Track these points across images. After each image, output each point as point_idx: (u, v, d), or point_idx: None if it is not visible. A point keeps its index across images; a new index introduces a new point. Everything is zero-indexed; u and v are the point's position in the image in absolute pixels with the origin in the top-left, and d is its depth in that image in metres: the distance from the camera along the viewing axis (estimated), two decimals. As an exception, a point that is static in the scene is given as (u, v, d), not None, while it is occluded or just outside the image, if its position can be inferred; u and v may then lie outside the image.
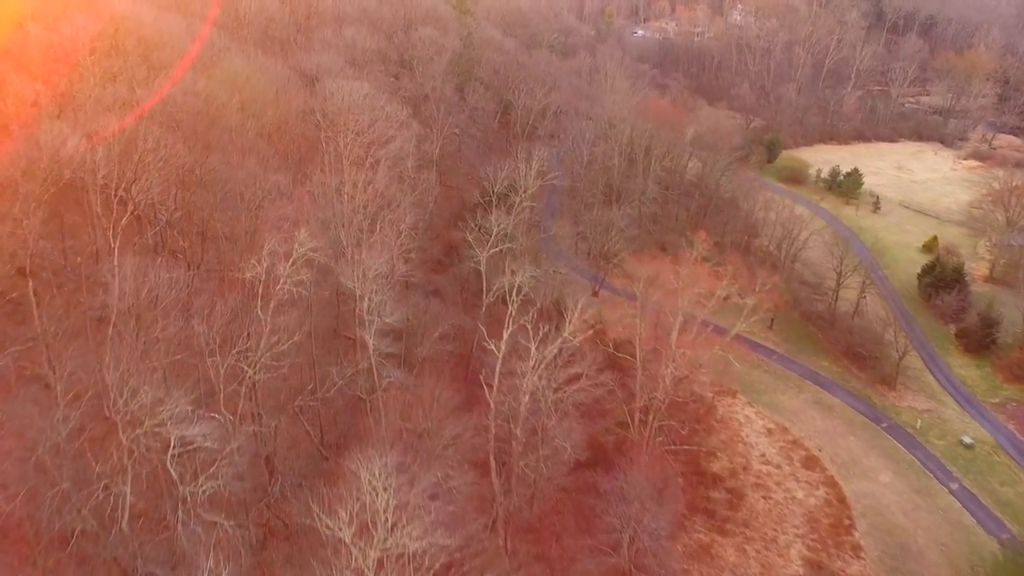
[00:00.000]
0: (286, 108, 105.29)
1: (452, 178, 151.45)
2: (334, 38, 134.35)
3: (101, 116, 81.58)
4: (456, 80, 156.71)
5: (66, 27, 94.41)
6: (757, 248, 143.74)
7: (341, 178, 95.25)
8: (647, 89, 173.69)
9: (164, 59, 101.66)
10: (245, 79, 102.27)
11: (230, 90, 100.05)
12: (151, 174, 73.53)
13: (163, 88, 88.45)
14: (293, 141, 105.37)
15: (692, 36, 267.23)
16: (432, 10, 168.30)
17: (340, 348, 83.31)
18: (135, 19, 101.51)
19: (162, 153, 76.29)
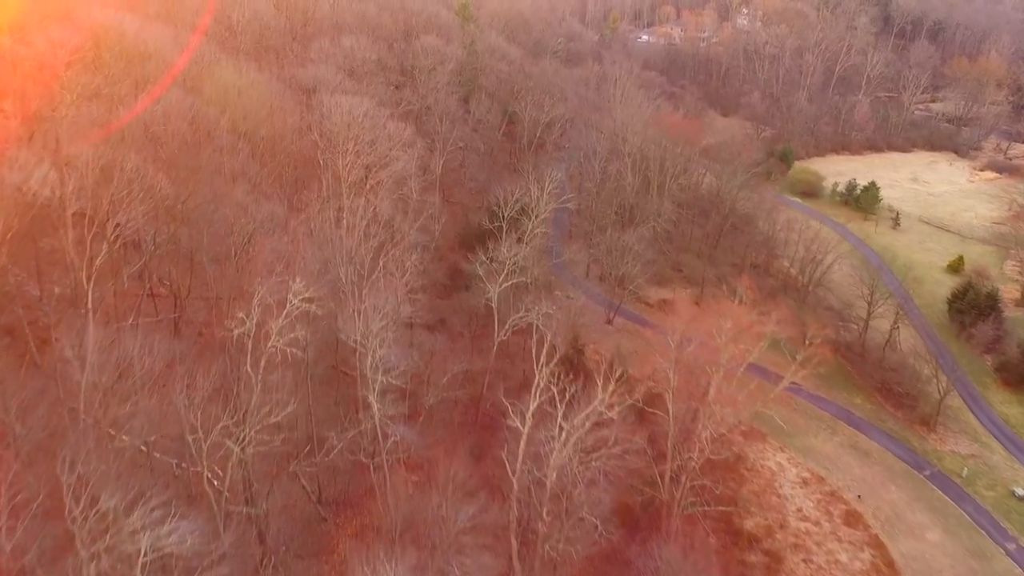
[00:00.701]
0: (281, 126, 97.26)
1: (456, 193, 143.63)
2: (332, 48, 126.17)
3: (76, 140, 73.55)
4: (459, 90, 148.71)
5: (41, 40, 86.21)
6: (776, 270, 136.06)
7: (340, 204, 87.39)
8: (658, 99, 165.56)
9: (149, 73, 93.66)
10: (236, 94, 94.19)
11: (220, 107, 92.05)
12: (129, 209, 65.40)
13: (142, 107, 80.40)
14: (288, 161, 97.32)
15: (698, 42, 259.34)
16: (434, 17, 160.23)
17: (338, 397, 75.37)
18: (117, 30, 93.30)
19: (142, 183, 68.27)
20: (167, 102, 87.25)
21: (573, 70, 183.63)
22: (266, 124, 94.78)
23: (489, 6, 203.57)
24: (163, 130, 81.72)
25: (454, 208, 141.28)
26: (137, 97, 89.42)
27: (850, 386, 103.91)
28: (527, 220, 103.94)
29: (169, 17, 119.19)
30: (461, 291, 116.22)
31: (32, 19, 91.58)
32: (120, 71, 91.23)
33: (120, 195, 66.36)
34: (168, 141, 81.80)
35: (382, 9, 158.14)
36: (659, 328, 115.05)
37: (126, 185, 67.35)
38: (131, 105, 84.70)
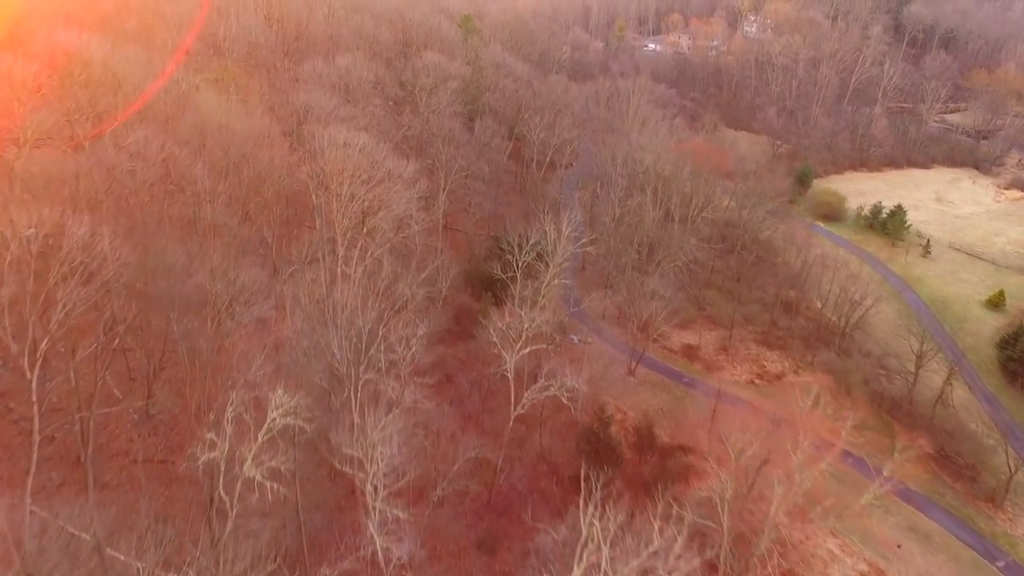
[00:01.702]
0: (267, 163, 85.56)
1: (460, 220, 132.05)
2: (325, 67, 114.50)
3: (24, 196, 62.08)
4: (463, 110, 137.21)
5: (-8, 70, 74.63)
6: (804, 306, 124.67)
7: (333, 263, 75.92)
8: (674, 116, 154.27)
9: (118, 104, 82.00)
10: (217, 128, 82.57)
11: (198, 143, 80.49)
12: (77, 288, 53.88)
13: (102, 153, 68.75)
14: (276, 202, 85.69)
15: (708, 51, 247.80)
16: (435, 31, 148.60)
17: (332, 504, 63.88)
18: (83, 56, 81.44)
19: (95, 253, 56.78)
20: (136, 141, 75.69)
21: (582, 86, 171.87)
22: (251, 161, 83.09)
23: (491, 16, 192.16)
24: (129, 179, 70.06)
25: (457, 239, 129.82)
26: (102, 135, 77.90)
27: (900, 449, 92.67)
28: (543, 266, 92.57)
29: (146, 37, 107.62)
30: (468, 339, 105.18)
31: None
32: (84, 103, 79.58)
33: (67, 269, 54.79)
34: (135, 191, 70.19)
35: (380, 22, 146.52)
36: (689, 381, 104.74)
37: (78, 253, 55.86)
38: (93, 147, 73.09)
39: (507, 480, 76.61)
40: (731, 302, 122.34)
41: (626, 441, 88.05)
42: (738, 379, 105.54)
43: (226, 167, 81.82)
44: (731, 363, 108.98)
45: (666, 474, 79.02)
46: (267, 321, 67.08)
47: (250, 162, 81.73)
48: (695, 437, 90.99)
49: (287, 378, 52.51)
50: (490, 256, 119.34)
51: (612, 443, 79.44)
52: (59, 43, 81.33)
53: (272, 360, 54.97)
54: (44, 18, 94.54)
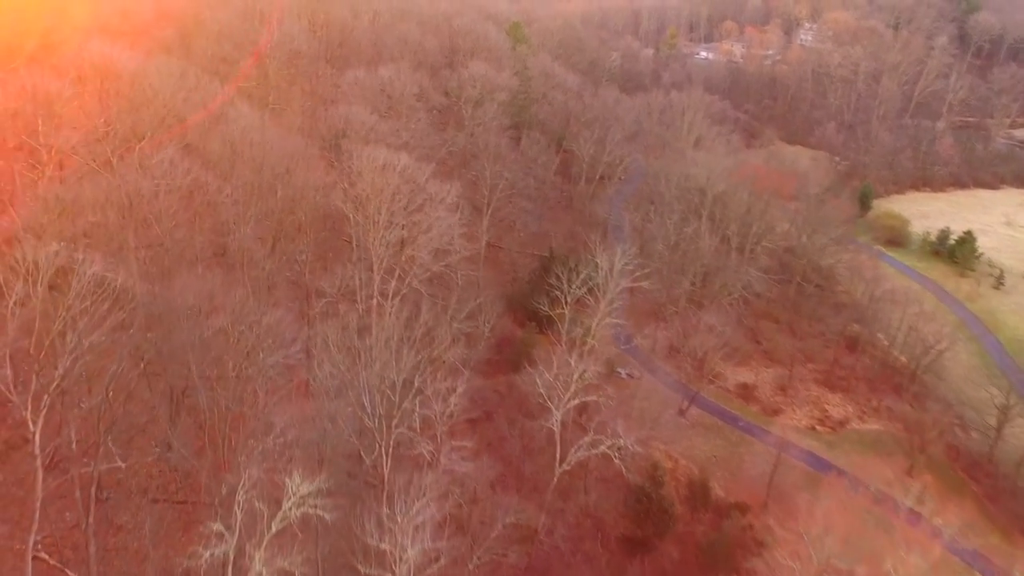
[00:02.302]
0: (301, 184, 79.77)
1: (504, 237, 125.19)
2: (368, 78, 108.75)
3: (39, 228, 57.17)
4: (509, 122, 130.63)
5: (17, 84, 70.10)
6: (868, 343, 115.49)
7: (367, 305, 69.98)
8: (731, 132, 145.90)
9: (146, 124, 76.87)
10: (249, 146, 76.95)
11: (228, 165, 75.09)
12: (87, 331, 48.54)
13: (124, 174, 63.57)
14: (308, 225, 79.82)
15: (763, 61, 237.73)
16: (482, 39, 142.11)
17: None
18: (113, 69, 76.56)
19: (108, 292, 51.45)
20: (162, 162, 70.51)
21: (634, 98, 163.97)
22: (284, 181, 77.46)
23: (540, 23, 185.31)
24: (154, 201, 64.86)
25: (501, 258, 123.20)
26: (128, 154, 72.92)
27: (982, 514, 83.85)
28: (592, 299, 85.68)
29: (184, 46, 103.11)
30: (510, 370, 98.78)
31: (9, 59, 75.42)
32: (113, 118, 74.66)
33: (76, 311, 49.45)
34: (160, 215, 64.95)
35: (426, 29, 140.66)
36: (745, 425, 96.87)
37: (88, 295, 50.53)
38: (120, 166, 68.12)
39: (549, 540, 69.85)
40: (789, 336, 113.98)
41: (678, 495, 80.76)
42: (798, 424, 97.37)
43: (258, 186, 76.27)
44: (790, 405, 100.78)
45: (723, 540, 71.65)
46: (294, 367, 61.27)
47: (283, 182, 76.05)
48: (754, 494, 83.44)
49: (308, 447, 46.49)
50: (535, 283, 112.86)
51: (664, 503, 72.28)
52: (89, 56, 76.58)
53: (294, 423, 48.97)
54: (78, 28, 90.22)
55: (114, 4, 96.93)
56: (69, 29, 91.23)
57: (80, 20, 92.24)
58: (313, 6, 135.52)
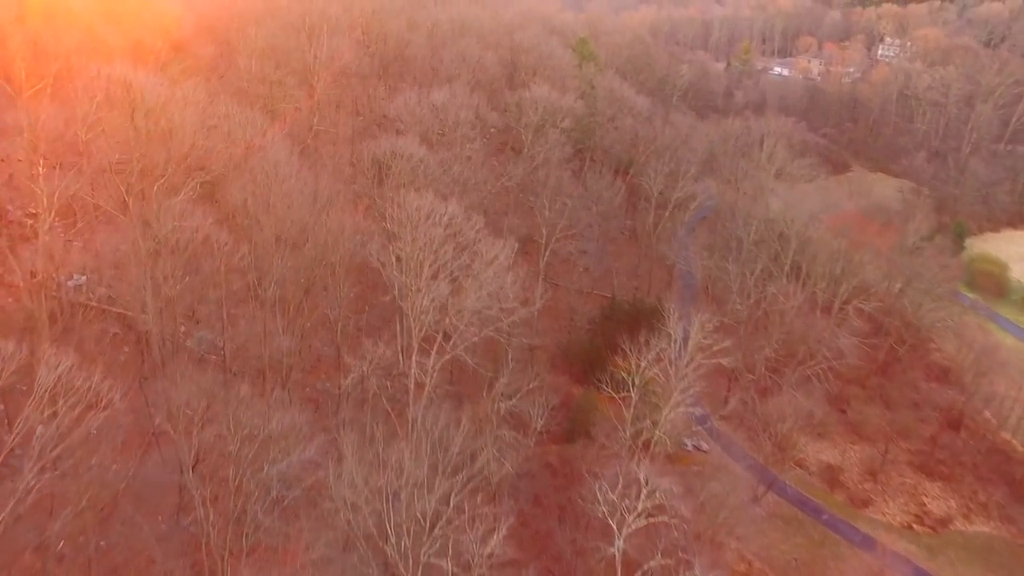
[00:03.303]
0: (335, 231, 68.88)
1: (560, 273, 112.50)
2: (419, 103, 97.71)
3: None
4: (572, 147, 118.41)
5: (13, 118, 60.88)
6: (973, 419, 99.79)
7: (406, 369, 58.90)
8: (815, 165, 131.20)
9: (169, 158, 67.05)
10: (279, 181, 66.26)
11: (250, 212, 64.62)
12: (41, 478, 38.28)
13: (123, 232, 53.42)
14: (337, 283, 68.95)
15: (842, 79, 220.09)
16: (547, 57, 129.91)
17: None
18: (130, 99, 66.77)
19: (76, 398, 41.15)
20: (172, 208, 60.48)
21: (707, 122, 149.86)
22: (313, 231, 66.82)
23: (607, 37, 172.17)
24: (154, 264, 54.72)
25: (557, 297, 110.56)
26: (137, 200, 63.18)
27: None
28: (665, 382, 72.83)
29: (224, 65, 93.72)
30: (564, 438, 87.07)
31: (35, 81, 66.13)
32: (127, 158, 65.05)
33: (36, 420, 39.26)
34: (162, 281, 54.79)
35: (486, 45, 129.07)
36: (829, 519, 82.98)
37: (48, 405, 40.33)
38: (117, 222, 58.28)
39: None
40: (879, 405, 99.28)
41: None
42: (891, 520, 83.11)
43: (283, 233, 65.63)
44: (881, 495, 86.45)
45: None
46: (309, 469, 50.42)
47: (313, 232, 65.31)
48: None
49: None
50: (595, 332, 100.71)
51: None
52: (106, 81, 66.90)
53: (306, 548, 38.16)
54: (108, 48, 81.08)
55: (153, 19, 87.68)
56: (97, 49, 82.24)
57: (112, 39, 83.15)
58: (367, 19, 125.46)
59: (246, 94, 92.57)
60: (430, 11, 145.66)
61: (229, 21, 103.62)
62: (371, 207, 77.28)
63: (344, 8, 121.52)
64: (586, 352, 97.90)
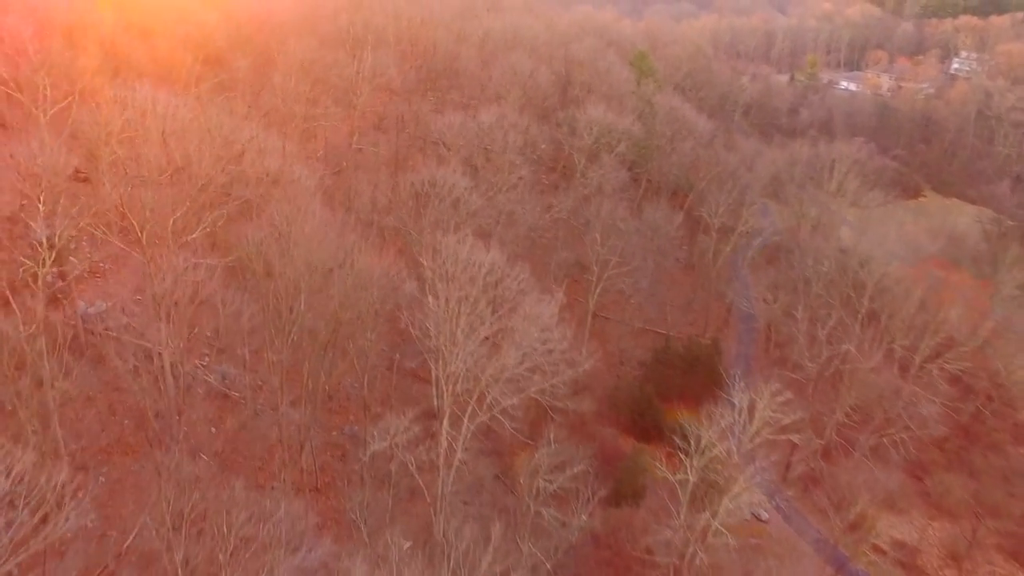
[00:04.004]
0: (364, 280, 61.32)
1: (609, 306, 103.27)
2: (465, 126, 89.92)
3: None
4: (627, 171, 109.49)
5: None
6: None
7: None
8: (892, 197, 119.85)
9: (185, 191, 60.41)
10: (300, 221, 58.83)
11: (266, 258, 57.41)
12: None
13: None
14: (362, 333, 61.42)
15: (915, 96, 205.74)
16: (604, 74, 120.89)
17: None
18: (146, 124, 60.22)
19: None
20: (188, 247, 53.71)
21: (773, 147, 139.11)
22: (337, 278, 59.37)
23: (667, 50, 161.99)
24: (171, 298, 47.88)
25: (606, 332, 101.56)
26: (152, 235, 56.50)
27: None
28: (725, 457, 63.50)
29: (258, 81, 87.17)
30: (609, 501, 78.27)
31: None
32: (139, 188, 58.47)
33: None
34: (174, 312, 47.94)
35: (538, 59, 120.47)
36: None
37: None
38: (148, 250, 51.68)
39: None
40: (962, 474, 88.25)
41: None
42: None
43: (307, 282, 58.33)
44: None
45: None
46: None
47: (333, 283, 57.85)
48: None
49: None
50: (647, 379, 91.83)
51: None
52: (119, 107, 60.43)
53: None
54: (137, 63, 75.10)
55: (185, 33, 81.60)
56: (125, 65, 76.32)
57: (140, 53, 77.10)
58: (415, 29, 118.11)
59: (279, 113, 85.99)
60: (482, 20, 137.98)
61: (269, 33, 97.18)
62: (405, 248, 69.75)
63: (391, 18, 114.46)
64: (636, 401, 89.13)
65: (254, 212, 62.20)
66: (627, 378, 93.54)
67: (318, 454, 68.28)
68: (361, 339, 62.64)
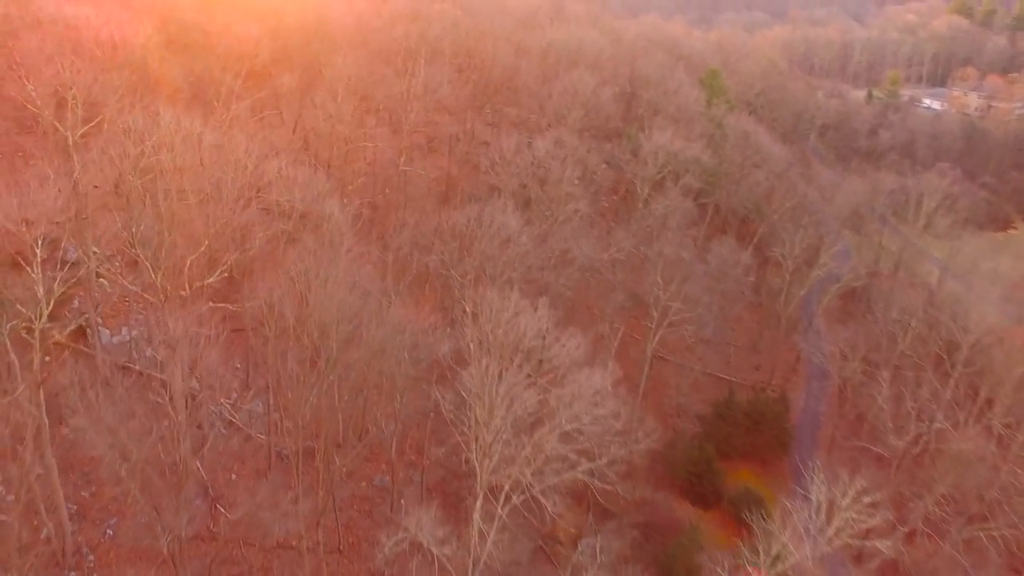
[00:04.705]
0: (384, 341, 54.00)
1: (667, 345, 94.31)
2: (519, 154, 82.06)
3: None
4: (693, 201, 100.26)
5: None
6: None
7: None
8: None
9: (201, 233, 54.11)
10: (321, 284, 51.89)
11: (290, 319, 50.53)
12: None
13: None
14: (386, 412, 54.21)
15: (1008, 118, 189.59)
16: (672, 94, 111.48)
17: None
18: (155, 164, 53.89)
19: None
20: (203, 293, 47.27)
21: (852, 175, 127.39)
22: (365, 336, 52.21)
23: (739, 66, 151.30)
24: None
25: (664, 375, 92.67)
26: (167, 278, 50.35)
27: None
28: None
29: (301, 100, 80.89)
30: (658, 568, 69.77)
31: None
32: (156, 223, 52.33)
33: None
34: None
35: (602, 76, 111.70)
36: None
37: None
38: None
39: None
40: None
41: None
42: None
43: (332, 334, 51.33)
44: None
45: None
46: None
47: (354, 349, 50.67)
48: None
49: None
50: (707, 437, 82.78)
51: None
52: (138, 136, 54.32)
53: None
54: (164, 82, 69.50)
55: (228, 47, 75.74)
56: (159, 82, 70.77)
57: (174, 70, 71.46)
58: (473, 41, 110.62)
59: (321, 133, 79.70)
60: (545, 31, 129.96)
61: (318, 46, 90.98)
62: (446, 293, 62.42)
63: (448, 28, 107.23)
64: (693, 461, 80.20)
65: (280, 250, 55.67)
66: (684, 434, 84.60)
67: (343, 508, 62.15)
68: (394, 385, 55.66)
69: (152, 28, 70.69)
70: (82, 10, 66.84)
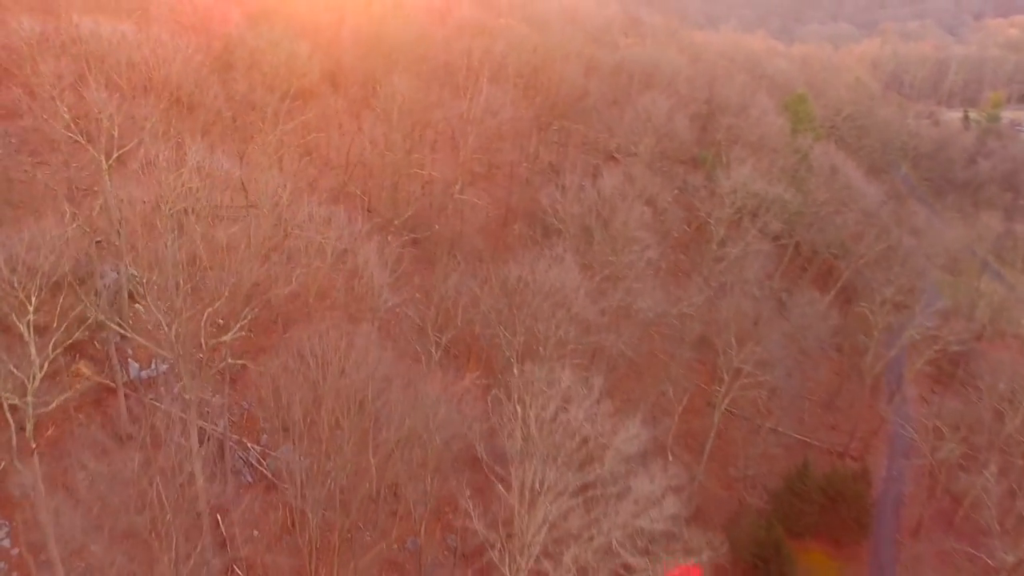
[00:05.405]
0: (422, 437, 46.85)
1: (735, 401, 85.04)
2: (582, 191, 73.92)
3: None
4: (771, 243, 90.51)
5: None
6: None
7: None
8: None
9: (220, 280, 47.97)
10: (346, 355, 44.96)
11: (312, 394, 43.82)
12: None
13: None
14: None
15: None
16: (755, 123, 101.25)
17: None
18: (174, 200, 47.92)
19: None
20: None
21: (949, 213, 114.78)
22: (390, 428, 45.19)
23: (824, 85, 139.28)
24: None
25: (731, 433, 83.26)
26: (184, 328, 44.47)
27: None
28: None
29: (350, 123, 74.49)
30: None
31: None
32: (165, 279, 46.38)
33: None
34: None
35: (678, 99, 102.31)
36: None
37: None
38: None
39: None
40: None
41: None
42: None
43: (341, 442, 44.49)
44: None
45: None
46: None
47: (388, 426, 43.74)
48: None
49: None
50: (777, 515, 73.21)
51: None
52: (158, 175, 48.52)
53: None
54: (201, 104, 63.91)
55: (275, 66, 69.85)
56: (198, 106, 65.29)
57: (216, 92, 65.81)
58: (539, 59, 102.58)
59: (366, 163, 73.24)
60: (619, 47, 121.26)
61: (373, 62, 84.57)
62: (492, 359, 54.95)
63: (511, 45, 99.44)
64: (760, 543, 70.78)
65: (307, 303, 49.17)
66: (751, 509, 75.21)
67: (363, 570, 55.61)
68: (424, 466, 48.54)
69: (195, 46, 65.20)
70: (121, 28, 61.67)
